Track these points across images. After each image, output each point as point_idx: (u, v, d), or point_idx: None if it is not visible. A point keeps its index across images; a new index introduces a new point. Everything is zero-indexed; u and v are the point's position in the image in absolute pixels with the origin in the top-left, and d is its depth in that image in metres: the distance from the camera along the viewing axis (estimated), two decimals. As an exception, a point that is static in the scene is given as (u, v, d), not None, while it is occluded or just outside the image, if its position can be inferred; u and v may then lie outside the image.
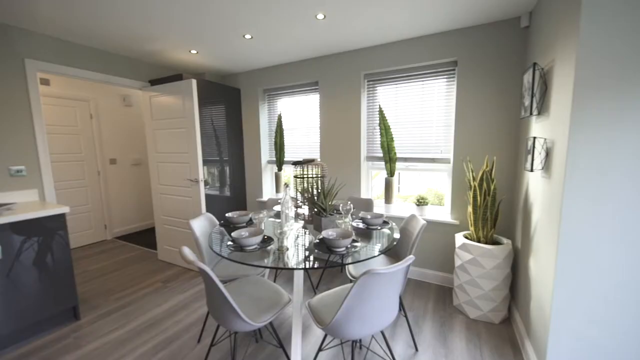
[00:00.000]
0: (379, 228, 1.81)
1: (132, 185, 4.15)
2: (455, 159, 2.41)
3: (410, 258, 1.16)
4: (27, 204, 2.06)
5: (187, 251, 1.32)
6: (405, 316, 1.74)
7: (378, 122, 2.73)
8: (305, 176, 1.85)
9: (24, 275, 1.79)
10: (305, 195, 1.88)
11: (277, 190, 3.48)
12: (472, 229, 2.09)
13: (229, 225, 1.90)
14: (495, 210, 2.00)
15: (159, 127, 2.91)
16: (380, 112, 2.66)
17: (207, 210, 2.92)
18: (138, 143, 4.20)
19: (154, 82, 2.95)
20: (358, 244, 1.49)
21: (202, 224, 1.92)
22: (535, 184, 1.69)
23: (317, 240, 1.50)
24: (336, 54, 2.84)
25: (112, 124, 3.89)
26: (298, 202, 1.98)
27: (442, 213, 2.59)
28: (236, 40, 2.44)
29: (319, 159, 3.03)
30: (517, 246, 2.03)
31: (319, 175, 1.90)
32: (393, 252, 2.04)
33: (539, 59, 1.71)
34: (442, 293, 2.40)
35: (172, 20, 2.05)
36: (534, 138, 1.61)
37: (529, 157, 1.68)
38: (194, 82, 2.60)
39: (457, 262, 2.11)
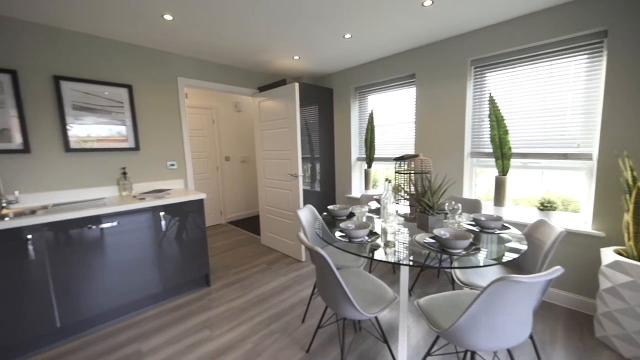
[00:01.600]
0: (497, 232, 1.60)
1: (240, 179, 4.86)
2: (602, 155, 1.91)
3: (558, 269, 0.98)
4: (177, 191, 2.64)
5: (303, 237, 1.45)
6: (532, 338, 1.48)
7: (488, 113, 2.41)
8: (411, 172, 1.78)
9: (172, 245, 2.31)
10: (409, 191, 1.82)
11: (366, 187, 3.48)
12: (630, 243, 1.63)
13: (330, 217, 2.00)
14: (674, 221, 1.50)
15: (265, 128, 3.30)
16: (491, 101, 2.34)
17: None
18: (245, 143, 4.89)
19: (262, 89, 3.36)
20: (479, 247, 1.35)
21: (306, 214, 2.09)
22: None
23: (429, 239, 1.42)
24: (438, 41, 2.64)
25: (226, 127, 4.63)
26: (399, 198, 1.93)
27: (578, 221, 2.11)
28: (336, 41, 2.54)
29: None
30: None
31: (424, 171, 1.80)
32: (513, 262, 1.77)
33: None
34: (575, 319, 1.95)
35: (282, 29, 2.27)
36: None
37: None
38: (296, 85, 2.84)
39: (604, 284, 1.68)
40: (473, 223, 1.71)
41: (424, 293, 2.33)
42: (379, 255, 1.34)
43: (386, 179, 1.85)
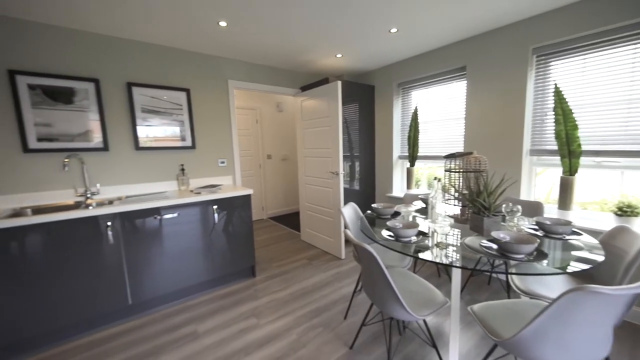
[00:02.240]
0: (565, 238, 1.44)
1: (281, 176, 5.03)
2: None
3: (650, 282, 0.85)
4: (227, 186, 2.83)
5: (350, 234, 1.46)
6: (607, 359, 1.31)
7: (552, 106, 2.18)
8: (465, 170, 1.69)
9: (222, 237, 2.47)
10: (461, 191, 1.72)
11: (409, 186, 3.37)
12: None
13: (375, 216, 1.98)
14: None
15: (307, 126, 3.36)
16: (557, 92, 2.10)
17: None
18: (286, 142, 5.04)
19: (304, 88, 3.43)
20: (546, 253, 1.23)
21: (349, 212, 2.09)
22: None
23: (486, 242, 1.34)
24: (493, 30, 2.44)
25: (269, 127, 4.82)
26: (448, 198, 1.84)
27: (668, 230, 1.81)
28: (381, 36, 2.49)
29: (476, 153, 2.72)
30: None
31: (478, 170, 1.69)
32: (585, 272, 1.58)
33: None
34: (663, 343, 1.69)
35: (327, 27, 2.29)
36: None
37: None
38: (339, 83, 2.85)
39: None
40: (536, 227, 1.57)
41: (473, 300, 2.20)
42: (426, 256, 1.30)
43: (435, 178, 1.77)
